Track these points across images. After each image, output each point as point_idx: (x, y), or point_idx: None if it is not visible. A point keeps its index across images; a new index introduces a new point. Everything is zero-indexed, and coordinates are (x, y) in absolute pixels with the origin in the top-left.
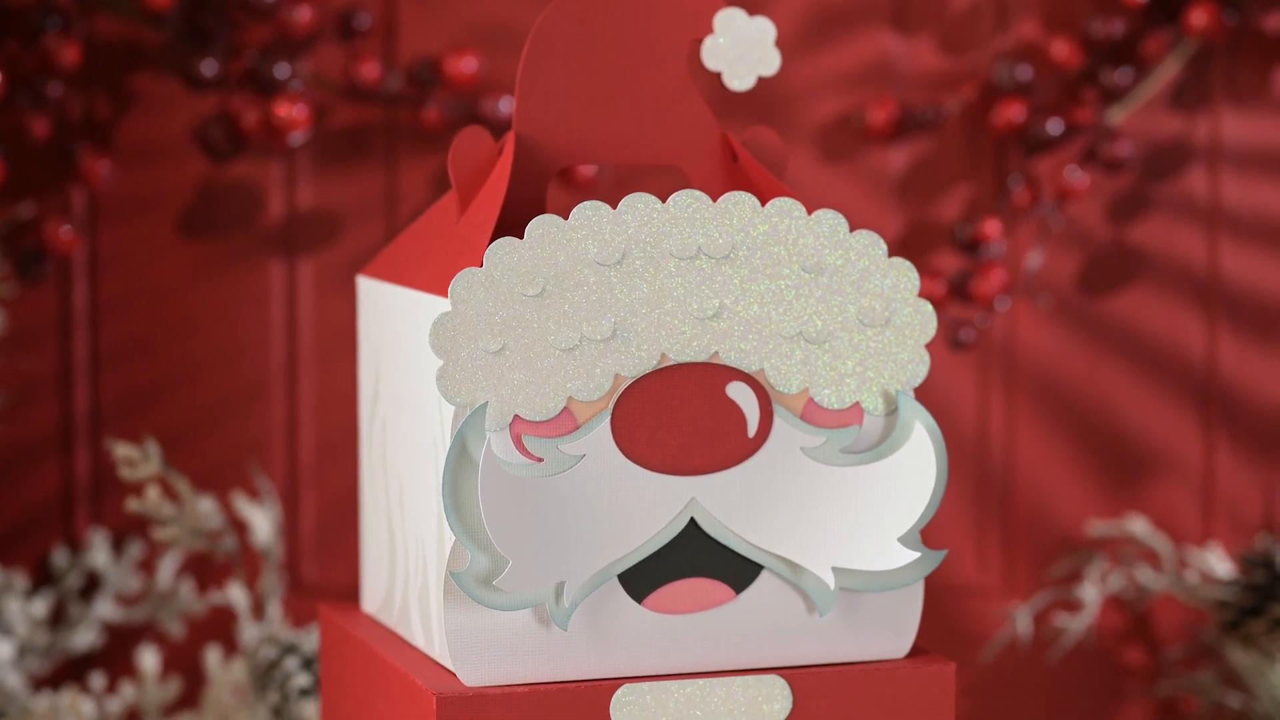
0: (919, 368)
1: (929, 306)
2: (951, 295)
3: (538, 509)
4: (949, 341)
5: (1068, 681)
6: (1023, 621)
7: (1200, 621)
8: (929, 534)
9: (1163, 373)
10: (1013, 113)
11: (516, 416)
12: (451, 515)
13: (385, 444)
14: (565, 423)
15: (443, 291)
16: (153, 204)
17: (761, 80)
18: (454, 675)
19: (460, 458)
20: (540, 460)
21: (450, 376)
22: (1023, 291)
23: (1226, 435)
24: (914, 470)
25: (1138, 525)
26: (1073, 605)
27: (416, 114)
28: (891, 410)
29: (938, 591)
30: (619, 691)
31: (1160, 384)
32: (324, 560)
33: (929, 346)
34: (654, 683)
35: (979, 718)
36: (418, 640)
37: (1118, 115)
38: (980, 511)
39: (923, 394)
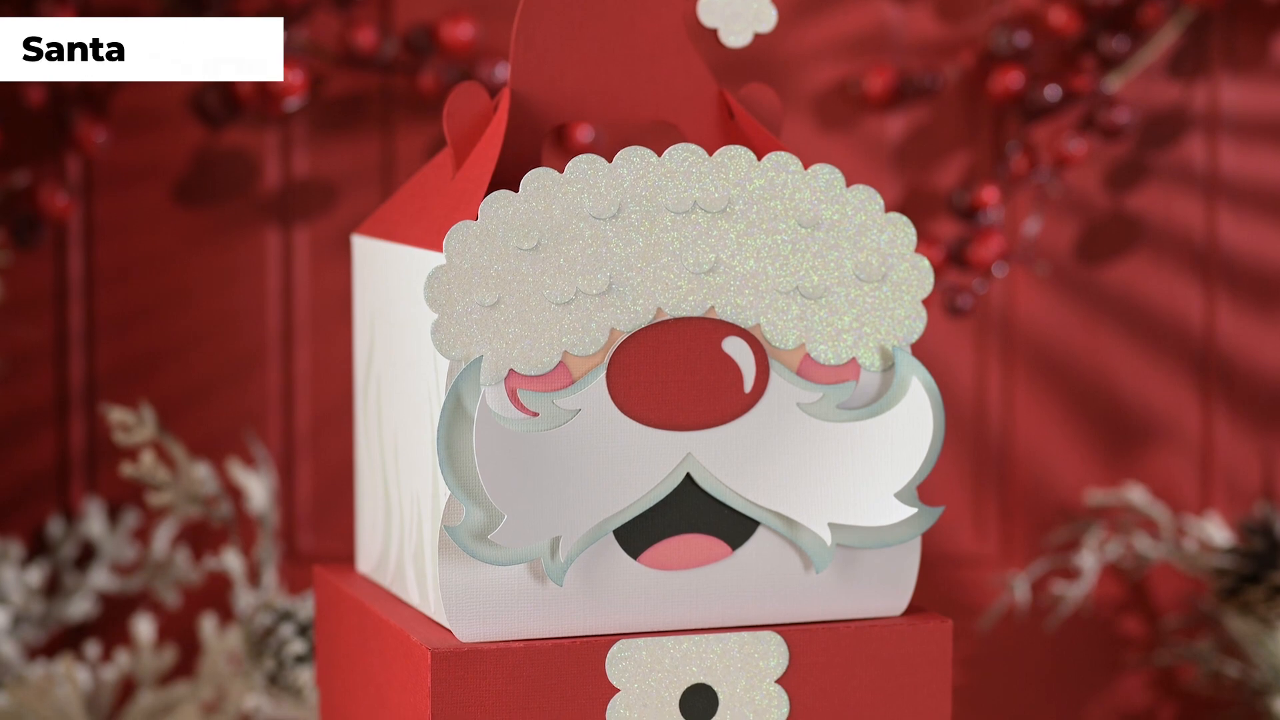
0: (916, 323)
1: (926, 262)
2: (949, 261)
3: (533, 463)
4: (946, 308)
5: (1066, 652)
6: (1020, 589)
7: (1198, 591)
8: (926, 495)
9: (1161, 341)
10: (1010, 80)
11: (512, 370)
12: (446, 469)
13: (380, 402)
14: (560, 377)
15: (438, 246)
16: (148, 171)
17: (758, 47)
18: (449, 632)
19: (455, 412)
20: (535, 415)
21: (445, 330)
22: (1020, 258)
23: (1225, 404)
24: (911, 426)
25: (1136, 494)
26: (1070, 573)
27: (412, 81)
28: (888, 366)
29: (934, 561)
30: (614, 647)
31: (1158, 352)
32: (320, 530)
33: (926, 307)
34: (650, 639)
35: (977, 689)
36: (413, 598)
37: (1116, 82)
38: (977, 480)
39: (920, 360)
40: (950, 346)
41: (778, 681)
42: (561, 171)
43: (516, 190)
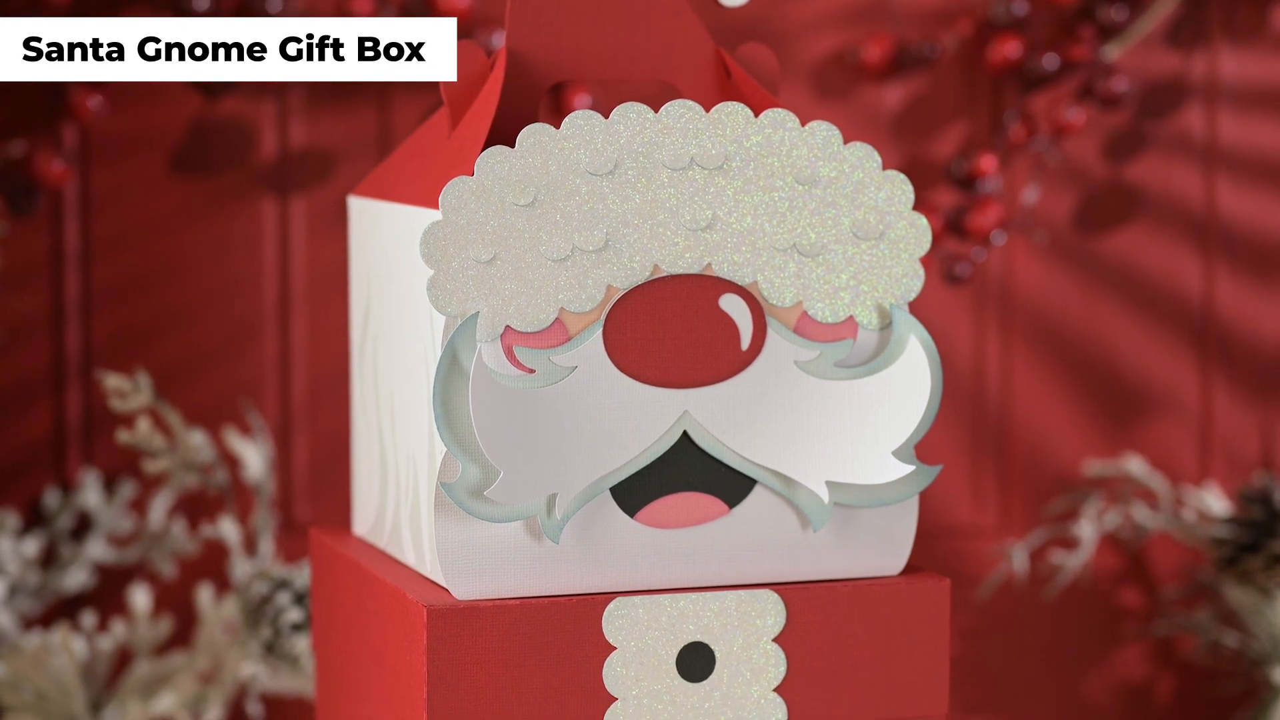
0: (913, 281)
1: (923, 220)
2: (947, 230)
3: (529, 420)
4: (945, 276)
5: (1064, 623)
6: (1019, 558)
7: (1197, 561)
8: (924, 461)
9: (1159, 311)
10: (1009, 49)
11: (508, 327)
12: (442, 426)
13: (376, 363)
14: (557, 334)
15: (434, 204)
16: (144, 141)
17: (756, 17)
18: (445, 590)
19: (451, 368)
20: (532, 372)
21: (441, 286)
22: (1019, 227)
23: (1223, 374)
24: (909, 384)
25: (1134, 465)
26: (1069, 543)
27: None
28: (886, 324)
29: (933, 531)
30: (611, 605)
31: (1157, 323)
32: (317, 500)
33: (924, 266)
34: (646, 596)
35: (976, 660)
36: (409, 559)
37: (1114, 52)
38: (976, 451)
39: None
40: (948, 315)
41: (775, 640)
42: (558, 128)
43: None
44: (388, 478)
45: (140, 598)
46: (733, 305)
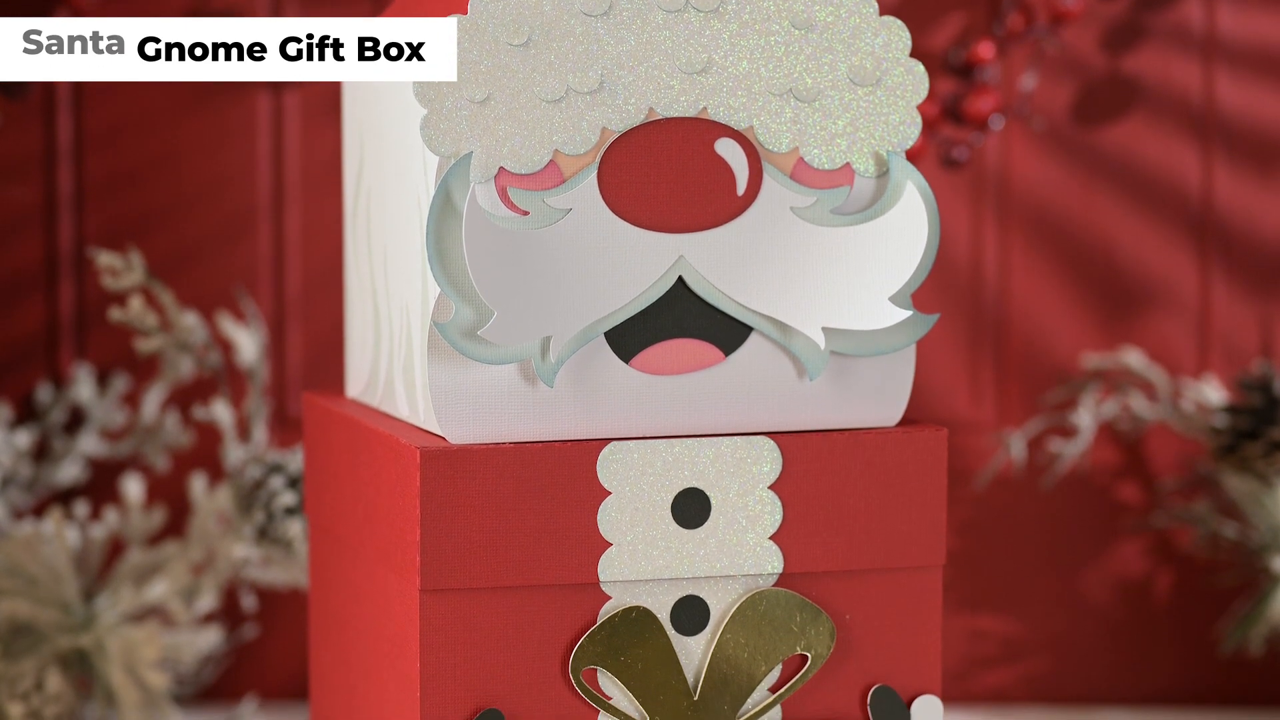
0: (910, 129)
1: (920, 67)
2: (944, 116)
3: (523, 262)
4: (942, 160)
5: (1063, 519)
6: (1016, 447)
7: (1196, 453)
8: (921, 357)
9: (1158, 204)
10: None
11: (502, 168)
12: (435, 266)
13: (369, 217)
14: (551, 175)
15: None
16: None
17: None
18: (440, 438)
19: (444, 209)
20: (526, 213)
21: (434, 126)
22: (1016, 113)
23: (1222, 267)
24: (905, 231)
25: (1133, 358)
26: (1067, 431)
27: None
28: (883, 172)
29: None
30: (606, 449)
31: (1156, 215)
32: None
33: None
34: (641, 441)
35: (974, 555)
36: (402, 412)
37: None
38: (973, 344)
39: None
40: (946, 202)
41: (770, 487)
42: None
43: None
44: (381, 333)
45: (133, 488)
46: (728, 150)
